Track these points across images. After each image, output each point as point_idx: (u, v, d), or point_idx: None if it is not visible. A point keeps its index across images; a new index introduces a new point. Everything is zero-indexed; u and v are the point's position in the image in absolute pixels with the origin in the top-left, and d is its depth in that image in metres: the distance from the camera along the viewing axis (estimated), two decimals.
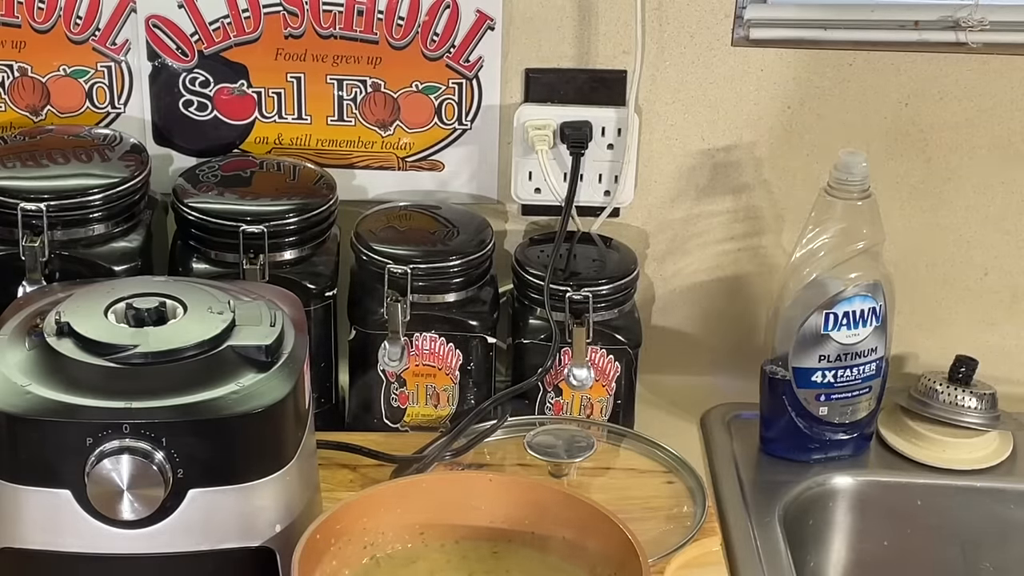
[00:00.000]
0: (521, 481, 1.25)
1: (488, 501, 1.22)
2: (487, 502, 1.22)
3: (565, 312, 1.50)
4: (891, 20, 1.59)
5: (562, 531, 1.20)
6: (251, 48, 1.56)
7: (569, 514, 1.20)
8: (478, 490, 1.23)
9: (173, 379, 1.15)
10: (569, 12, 1.56)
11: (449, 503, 1.22)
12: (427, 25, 1.54)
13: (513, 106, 1.58)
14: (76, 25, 1.55)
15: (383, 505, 1.22)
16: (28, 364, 1.16)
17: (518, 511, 1.22)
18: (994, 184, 1.64)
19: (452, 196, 1.61)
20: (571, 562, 1.20)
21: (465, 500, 1.22)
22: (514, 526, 1.22)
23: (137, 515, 1.13)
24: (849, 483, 1.56)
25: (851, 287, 1.49)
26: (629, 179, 1.60)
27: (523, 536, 1.21)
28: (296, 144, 1.60)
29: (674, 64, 1.58)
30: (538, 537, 1.22)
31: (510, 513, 1.22)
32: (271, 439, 1.17)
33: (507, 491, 1.22)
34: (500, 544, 1.22)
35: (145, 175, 1.49)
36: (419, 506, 1.22)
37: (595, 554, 1.18)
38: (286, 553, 1.19)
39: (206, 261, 1.48)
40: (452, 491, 1.23)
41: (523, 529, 1.21)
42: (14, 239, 1.42)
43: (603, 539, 1.17)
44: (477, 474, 1.26)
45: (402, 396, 1.53)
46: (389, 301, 1.47)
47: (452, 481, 1.27)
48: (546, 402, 1.54)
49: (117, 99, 1.58)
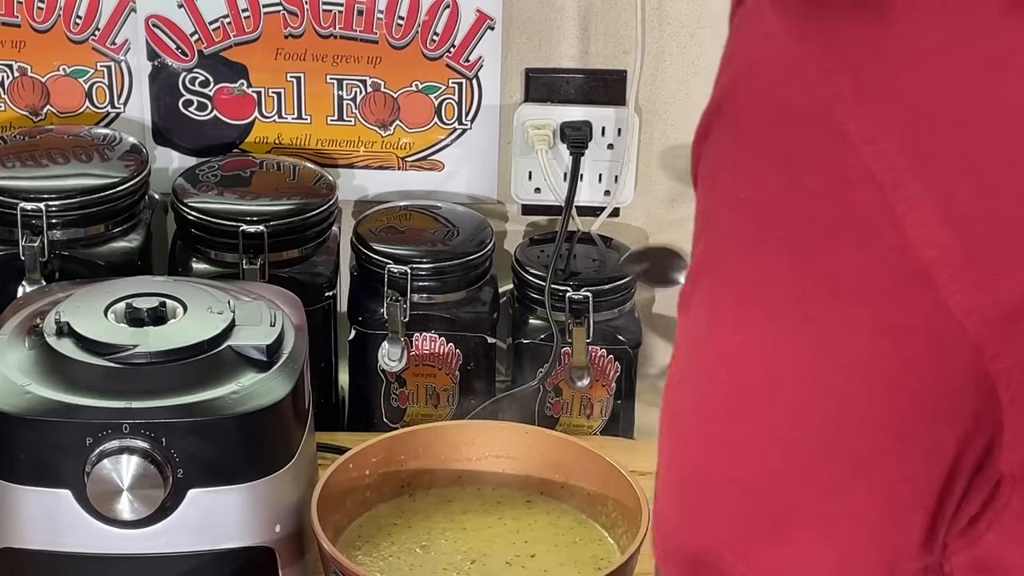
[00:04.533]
0: (553, 435, 1.32)
1: (523, 452, 1.30)
2: (522, 452, 1.30)
3: (565, 312, 1.50)
4: None
5: (587, 486, 1.28)
6: (251, 48, 1.55)
7: (593, 470, 1.27)
8: (515, 441, 1.30)
9: (173, 379, 1.15)
10: (569, 12, 1.56)
11: (486, 451, 1.30)
12: (427, 25, 1.54)
13: (513, 106, 1.58)
14: (76, 25, 1.54)
15: (421, 445, 1.30)
16: (28, 364, 1.16)
17: (549, 464, 1.30)
18: None
19: (452, 196, 1.61)
20: (592, 516, 1.27)
21: (502, 450, 1.29)
22: (546, 477, 1.30)
23: (137, 515, 1.13)
24: None
25: None
26: (629, 179, 1.60)
27: (553, 487, 1.29)
28: (296, 144, 1.59)
29: (674, 64, 1.58)
30: (566, 489, 1.29)
31: (542, 465, 1.30)
32: (271, 439, 1.17)
33: (540, 444, 1.30)
34: (533, 494, 1.30)
35: (145, 175, 1.49)
36: (456, 451, 1.30)
37: (613, 509, 1.26)
38: (286, 553, 1.19)
39: (206, 261, 1.48)
40: (490, 440, 1.31)
41: (554, 479, 1.28)
42: (14, 239, 1.42)
43: (620, 496, 1.24)
44: (514, 425, 1.31)
45: (402, 396, 1.53)
46: (389, 301, 1.47)
47: (492, 429, 1.33)
48: (546, 402, 1.54)
49: (117, 99, 1.58)
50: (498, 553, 1.22)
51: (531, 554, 1.23)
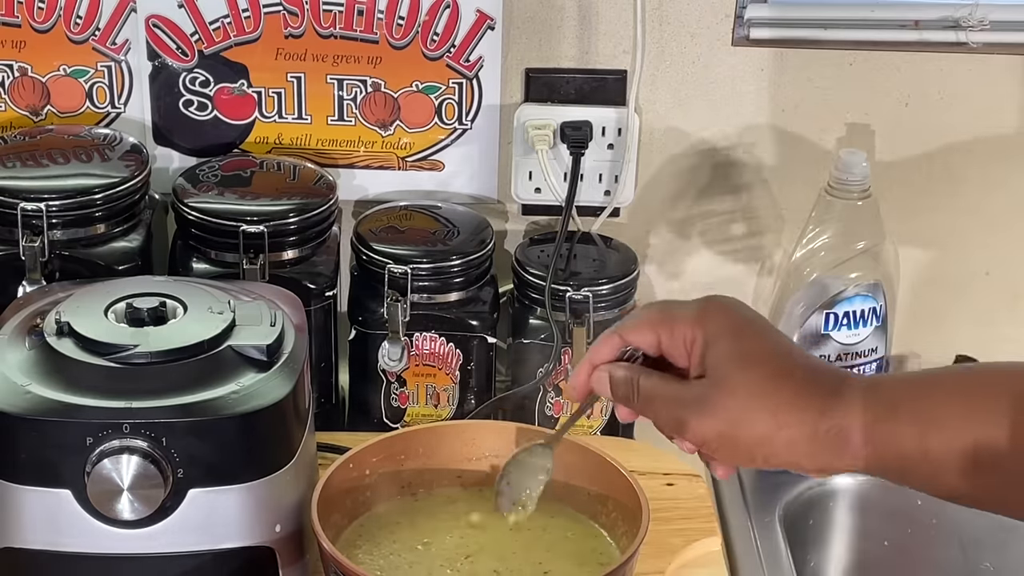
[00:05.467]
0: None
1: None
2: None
3: (565, 312, 1.50)
4: (891, 20, 1.59)
5: (587, 485, 1.27)
6: (251, 48, 1.55)
7: (595, 470, 1.26)
8: (515, 441, 1.29)
9: (173, 379, 1.15)
10: (569, 12, 1.56)
11: (486, 451, 1.29)
12: (427, 25, 1.54)
13: (513, 106, 1.58)
14: (76, 25, 1.55)
15: (421, 445, 1.29)
16: (28, 364, 1.16)
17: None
18: (994, 184, 1.64)
19: (452, 196, 1.61)
20: (592, 516, 1.27)
21: (502, 450, 1.27)
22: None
23: (137, 515, 1.13)
24: (849, 483, 1.56)
25: (851, 287, 1.49)
26: (629, 179, 1.60)
27: (553, 487, 1.26)
28: (296, 144, 1.60)
29: (674, 64, 1.58)
30: (566, 489, 1.27)
31: None
32: (271, 439, 1.17)
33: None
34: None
35: (145, 175, 1.49)
36: (456, 451, 1.29)
37: (613, 509, 1.25)
38: (286, 553, 1.19)
39: (206, 261, 1.48)
40: (490, 440, 1.29)
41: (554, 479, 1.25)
42: (14, 239, 1.42)
43: (620, 496, 1.24)
44: (516, 424, 1.30)
45: (402, 396, 1.53)
46: (389, 301, 1.47)
47: (492, 429, 1.32)
48: (546, 402, 1.54)
49: (117, 99, 1.58)
50: (498, 553, 1.22)
51: (531, 554, 1.23)
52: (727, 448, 1.01)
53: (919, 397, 0.98)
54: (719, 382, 1.00)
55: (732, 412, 0.99)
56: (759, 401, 0.99)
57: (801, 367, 1.01)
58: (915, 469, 0.97)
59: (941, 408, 0.96)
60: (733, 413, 0.99)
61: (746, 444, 1.00)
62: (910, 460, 0.96)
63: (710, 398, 1.00)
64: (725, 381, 1.00)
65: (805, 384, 1.00)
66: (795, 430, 0.98)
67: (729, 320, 1.03)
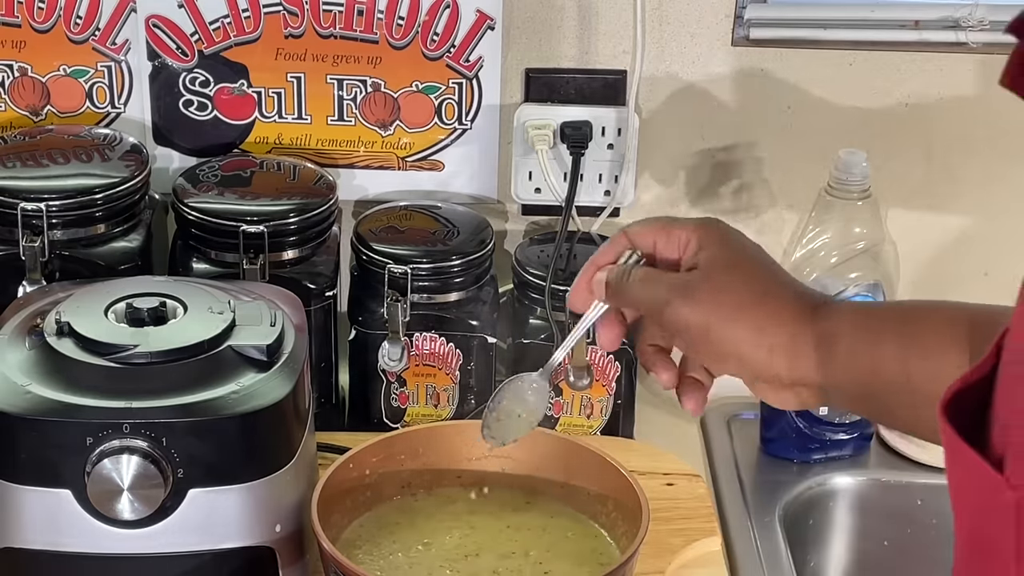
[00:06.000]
0: (553, 436, 1.31)
1: (523, 452, 1.28)
2: (522, 452, 1.28)
3: (565, 312, 1.50)
4: (891, 20, 1.59)
5: (587, 485, 1.27)
6: (251, 48, 1.55)
7: (595, 470, 1.27)
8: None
9: (173, 379, 1.15)
10: (569, 12, 1.56)
11: (486, 451, 1.28)
12: (427, 25, 1.54)
13: (513, 106, 1.58)
14: (76, 25, 1.55)
15: (421, 445, 1.29)
16: (28, 364, 1.16)
17: (549, 464, 1.29)
18: (994, 184, 1.64)
19: (452, 196, 1.61)
20: (592, 516, 1.27)
21: (502, 450, 1.26)
22: (546, 476, 1.29)
23: (137, 515, 1.13)
24: (849, 483, 1.56)
25: (851, 287, 1.49)
26: (629, 179, 1.60)
27: (553, 487, 1.28)
28: (296, 144, 1.60)
29: (674, 64, 1.58)
30: (566, 489, 1.28)
31: (542, 465, 1.29)
32: (271, 439, 1.17)
33: (540, 444, 1.28)
34: (533, 494, 1.29)
35: (145, 175, 1.49)
36: (456, 451, 1.29)
37: (613, 509, 1.25)
38: (286, 553, 1.19)
39: (206, 261, 1.48)
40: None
41: (554, 479, 1.27)
42: (14, 239, 1.42)
43: (620, 496, 1.24)
44: None
45: (402, 396, 1.53)
46: (389, 301, 1.47)
47: None
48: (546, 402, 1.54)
49: (117, 99, 1.58)
50: (498, 553, 1.23)
51: (531, 554, 1.23)
52: (702, 341, 1.01)
53: (907, 322, 0.97)
54: (708, 276, 1.01)
55: (716, 306, 1.00)
56: (746, 299, 1.00)
57: (790, 282, 1.03)
58: (896, 395, 0.96)
59: (929, 336, 0.95)
60: (717, 307, 1.00)
61: (722, 341, 1.00)
62: (893, 384, 0.96)
63: (697, 287, 1.01)
64: (715, 277, 1.01)
65: (795, 295, 1.01)
66: (780, 331, 0.99)
67: (725, 234, 1.04)
